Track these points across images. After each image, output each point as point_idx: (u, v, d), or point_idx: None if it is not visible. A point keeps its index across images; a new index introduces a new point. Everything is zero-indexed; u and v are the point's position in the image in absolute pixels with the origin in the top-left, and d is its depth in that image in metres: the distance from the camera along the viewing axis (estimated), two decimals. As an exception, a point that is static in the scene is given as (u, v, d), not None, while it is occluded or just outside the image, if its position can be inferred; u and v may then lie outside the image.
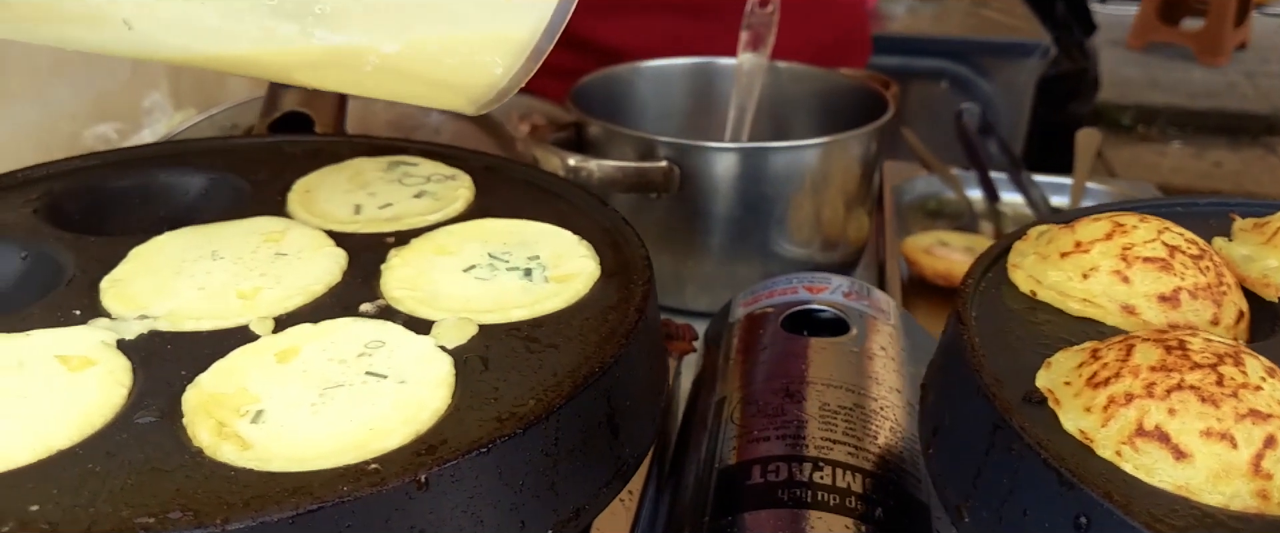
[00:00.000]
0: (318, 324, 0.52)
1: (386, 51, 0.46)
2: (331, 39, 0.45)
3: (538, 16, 0.46)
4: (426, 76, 0.48)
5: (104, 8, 0.42)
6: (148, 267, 0.56)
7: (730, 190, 0.96)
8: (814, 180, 0.98)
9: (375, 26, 0.45)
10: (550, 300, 0.54)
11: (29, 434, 0.44)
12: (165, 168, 0.69)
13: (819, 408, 0.60)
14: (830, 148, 0.97)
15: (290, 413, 0.46)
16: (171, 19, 0.43)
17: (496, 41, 0.47)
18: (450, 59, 0.47)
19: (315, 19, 0.44)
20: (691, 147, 0.96)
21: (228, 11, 0.43)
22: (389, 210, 0.64)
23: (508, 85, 0.49)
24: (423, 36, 0.46)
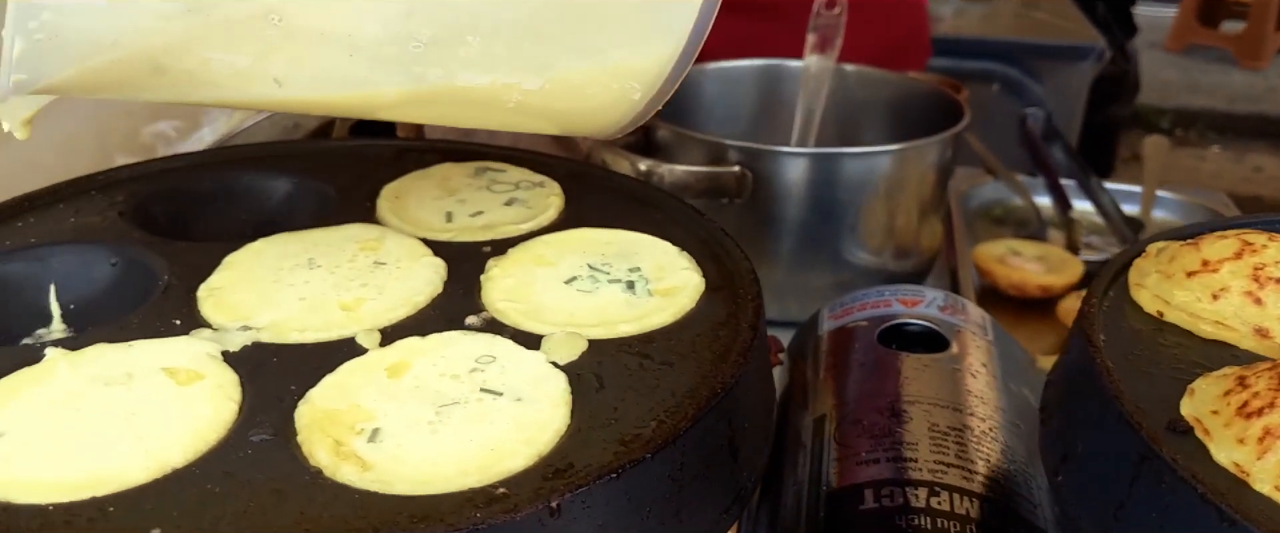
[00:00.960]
0: (426, 338, 0.50)
1: (529, 88, 0.45)
2: (477, 80, 0.44)
3: (675, 44, 0.45)
4: (566, 109, 0.47)
5: (255, 68, 0.41)
6: (244, 275, 0.55)
7: (803, 196, 0.94)
8: (888, 187, 0.96)
9: (520, 66, 0.44)
10: (657, 315, 0.53)
11: (143, 452, 0.42)
12: (249, 171, 0.68)
13: (927, 429, 0.58)
14: (906, 154, 0.95)
15: (408, 432, 0.44)
16: (320, 74, 0.42)
17: (636, 70, 0.46)
18: (591, 89, 0.46)
19: (461, 63, 0.43)
20: (764, 151, 0.94)
21: (377, 62, 0.42)
22: (481, 218, 0.63)
23: (644, 110, 0.48)
24: (565, 72, 0.45)
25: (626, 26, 0.45)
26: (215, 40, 0.39)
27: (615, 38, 0.45)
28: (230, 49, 0.40)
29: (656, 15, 0.45)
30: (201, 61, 0.41)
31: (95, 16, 0.37)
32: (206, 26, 0.38)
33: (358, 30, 0.40)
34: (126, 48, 0.39)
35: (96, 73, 0.41)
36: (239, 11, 0.38)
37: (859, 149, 0.96)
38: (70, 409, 0.45)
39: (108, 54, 0.39)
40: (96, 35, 0.38)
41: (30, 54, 0.38)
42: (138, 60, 0.40)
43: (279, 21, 0.39)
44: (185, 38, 0.39)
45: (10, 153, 0.87)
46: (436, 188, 0.67)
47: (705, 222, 0.62)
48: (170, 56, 0.40)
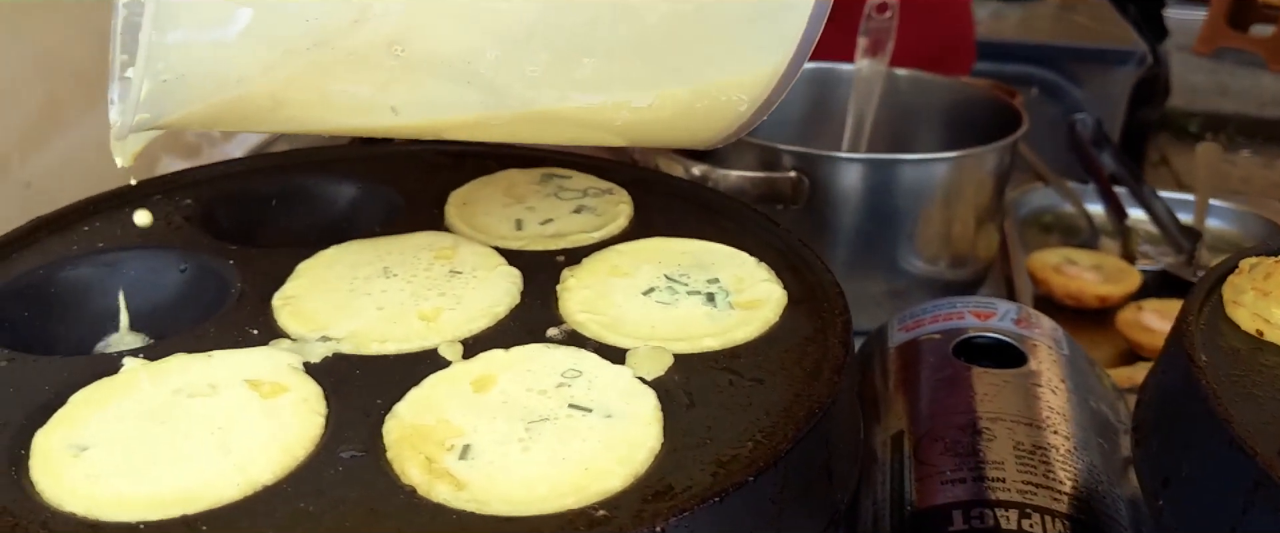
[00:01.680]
0: (510, 351, 0.49)
1: (639, 106, 0.44)
2: (589, 100, 0.43)
3: (784, 55, 0.45)
4: (673, 124, 0.47)
5: (375, 98, 0.41)
6: (319, 283, 0.54)
7: (859, 203, 0.93)
8: (946, 195, 0.94)
9: (632, 84, 0.44)
10: (740, 329, 0.52)
11: (232, 468, 0.42)
12: (312, 176, 0.67)
13: (1012, 447, 0.57)
14: (964, 161, 0.94)
15: (499, 449, 0.43)
16: (437, 100, 0.42)
17: (744, 82, 0.45)
18: (699, 103, 0.45)
19: (575, 84, 0.42)
20: (819, 157, 0.92)
21: (493, 87, 0.41)
22: (551, 226, 0.62)
23: (749, 121, 0.47)
24: (676, 87, 0.44)
25: (737, 39, 0.44)
26: (338, 73, 0.39)
27: (726, 51, 0.44)
28: (352, 80, 0.39)
29: (767, 27, 0.44)
30: (322, 93, 0.40)
31: (222, 55, 0.37)
32: (331, 60, 0.38)
33: (477, 57, 0.40)
34: (250, 84, 0.38)
35: (217, 108, 0.40)
36: (363, 44, 0.37)
37: (918, 156, 0.94)
38: (155, 422, 0.44)
39: (231, 91, 0.39)
40: (222, 73, 0.38)
41: (155, 94, 0.38)
42: (259, 95, 0.40)
43: (401, 52, 0.38)
44: (309, 72, 0.38)
45: (51, 152, 0.87)
46: (503, 195, 0.66)
47: (781, 231, 0.61)
48: (292, 90, 0.39)
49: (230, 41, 0.36)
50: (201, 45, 0.36)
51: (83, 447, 0.42)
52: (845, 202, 0.93)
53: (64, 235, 0.59)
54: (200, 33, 0.35)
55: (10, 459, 0.42)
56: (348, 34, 0.36)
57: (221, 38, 0.35)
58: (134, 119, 0.40)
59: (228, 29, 0.35)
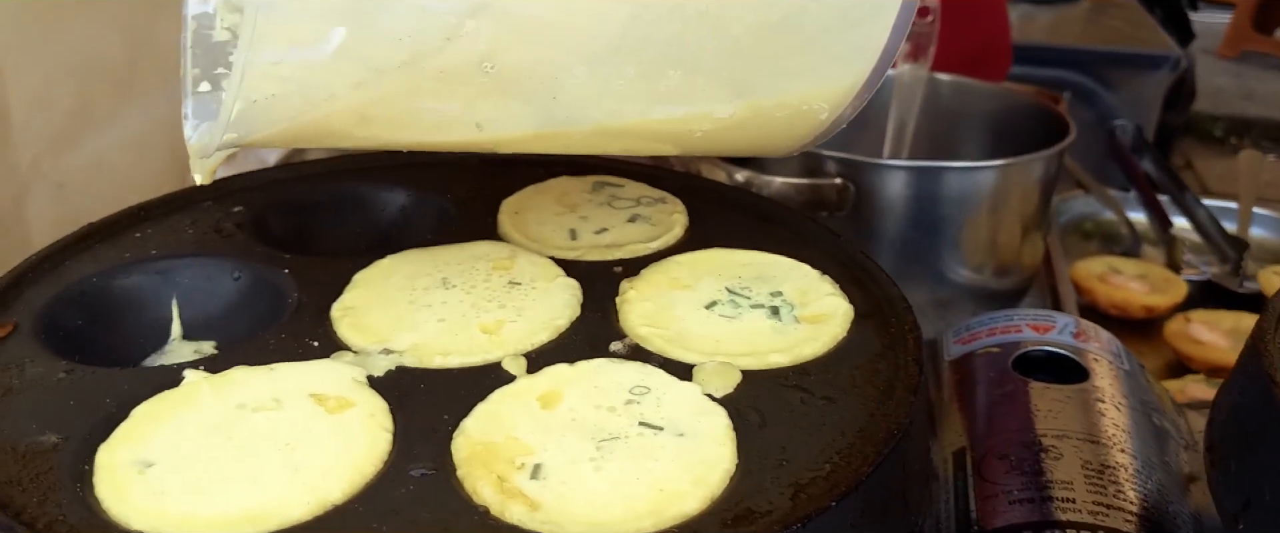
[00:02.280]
0: (575, 366, 0.48)
1: (720, 117, 0.43)
2: (672, 112, 0.43)
3: (867, 63, 0.44)
4: (752, 134, 0.46)
5: (462, 114, 0.40)
6: (377, 294, 0.53)
7: (904, 210, 0.92)
8: (992, 203, 0.93)
9: (716, 95, 0.43)
10: (808, 344, 0.51)
11: (301, 486, 0.41)
12: (363, 182, 0.66)
13: (1080, 466, 0.55)
14: (1011, 169, 0.92)
15: (571, 468, 0.42)
16: (523, 116, 0.41)
17: (827, 91, 0.45)
18: (780, 113, 0.45)
19: (659, 96, 0.42)
20: (864, 163, 0.91)
21: (578, 101, 0.41)
22: (606, 236, 0.61)
23: (828, 130, 0.46)
24: (758, 97, 0.44)
25: (822, 48, 0.43)
26: (427, 90, 0.38)
27: (810, 60, 0.43)
28: (441, 98, 0.39)
29: (851, 36, 0.43)
30: (409, 111, 0.39)
31: (315, 74, 0.36)
32: (421, 77, 0.37)
33: (565, 72, 0.39)
34: (339, 102, 0.38)
35: (303, 127, 0.39)
36: (454, 61, 0.36)
37: (965, 164, 0.93)
38: (220, 438, 0.43)
39: (320, 109, 0.38)
40: (313, 92, 0.37)
41: (246, 113, 0.37)
42: (347, 113, 0.39)
43: (491, 69, 0.37)
44: (398, 90, 0.38)
45: (82, 153, 0.86)
46: (555, 203, 0.65)
47: (842, 242, 0.60)
48: (380, 107, 0.39)
49: (323, 61, 0.35)
50: (294, 65, 0.35)
51: (147, 463, 0.42)
52: (890, 209, 0.92)
53: (116, 242, 0.58)
54: (294, 52, 0.35)
55: (74, 475, 0.41)
56: (439, 52, 0.36)
57: (315, 57, 0.35)
58: (223, 138, 0.39)
59: (321, 48, 0.34)
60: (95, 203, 0.88)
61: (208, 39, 0.51)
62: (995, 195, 0.93)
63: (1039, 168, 0.94)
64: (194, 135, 0.48)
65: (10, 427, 0.44)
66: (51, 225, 0.84)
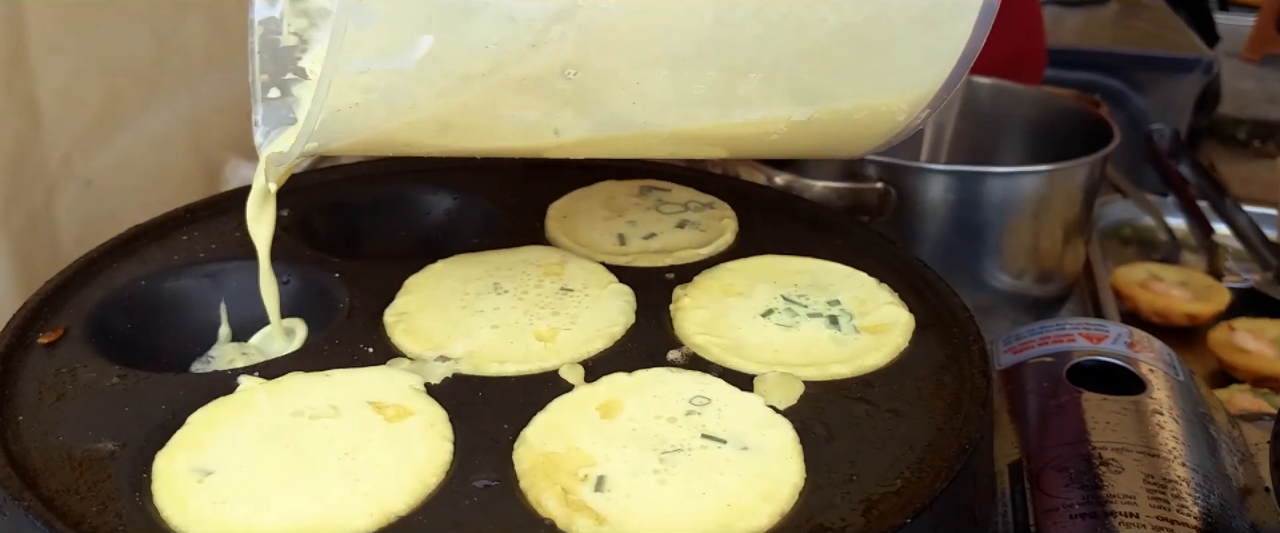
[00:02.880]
0: (633, 375, 0.47)
1: (797, 120, 0.43)
2: (749, 116, 0.42)
3: (946, 66, 0.43)
4: (828, 136, 0.46)
5: (541, 121, 0.39)
6: (430, 300, 0.53)
7: (945, 215, 0.91)
8: (1035, 208, 0.92)
9: (794, 99, 0.42)
10: (869, 355, 0.50)
11: (362, 497, 0.40)
12: (408, 185, 0.65)
13: (1142, 480, 0.54)
14: (1055, 175, 0.91)
15: (634, 481, 0.41)
16: (601, 122, 0.41)
17: (906, 93, 0.44)
18: (858, 115, 0.44)
19: (738, 100, 0.41)
20: (906, 167, 0.90)
21: (657, 106, 0.40)
22: (655, 241, 0.60)
23: (903, 132, 0.45)
24: (837, 100, 0.43)
25: (904, 49, 0.42)
26: (509, 97, 0.37)
27: (892, 61, 0.43)
28: (522, 105, 0.38)
29: (933, 36, 0.42)
30: (490, 118, 0.39)
31: (399, 82, 0.35)
32: (504, 84, 0.36)
33: (647, 78, 0.38)
34: (421, 110, 0.37)
35: (383, 134, 0.39)
36: (538, 68, 0.36)
37: (1009, 169, 0.92)
38: (279, 446, 0.42)
39: (402, 117, 0.37)
40: (395, 101, 0.36)
41: (327, 122, 0.36)
42: (428, 121, 0.38)
43: (574, 75, 0.36)
44: (481, 97, 0.37)
45: (111, 150, 0.86)
46: (602, 208, 0.64)
47: (898, 249, 0.59)
48: (462, 115, 0.38)
49: (408, 69, 0.34)
50: (379, 73, 0.35)
51: (206, 471, 0.41)
52: (932, 214, 0.90)
53: (162, 244, 0.58)
54: (380, 61, 0.34)
55: (132, 483, 0.41)
56: (523, 59, 0.35)
57: (400, 66, 0.34)
58: (304, 147, 0.39)
59: (408, 56, 0.34)
60: (122, 200, 0.88)
61: (275, 44, 0.50)
62: (1038, 201, 0.92)
63: (1083, 173, 0.93)
64: (265, 142, 0.47)
65: (66, 434, 0.43)
66: (80, 222, 0.84)
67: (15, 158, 0.74)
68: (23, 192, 0.75)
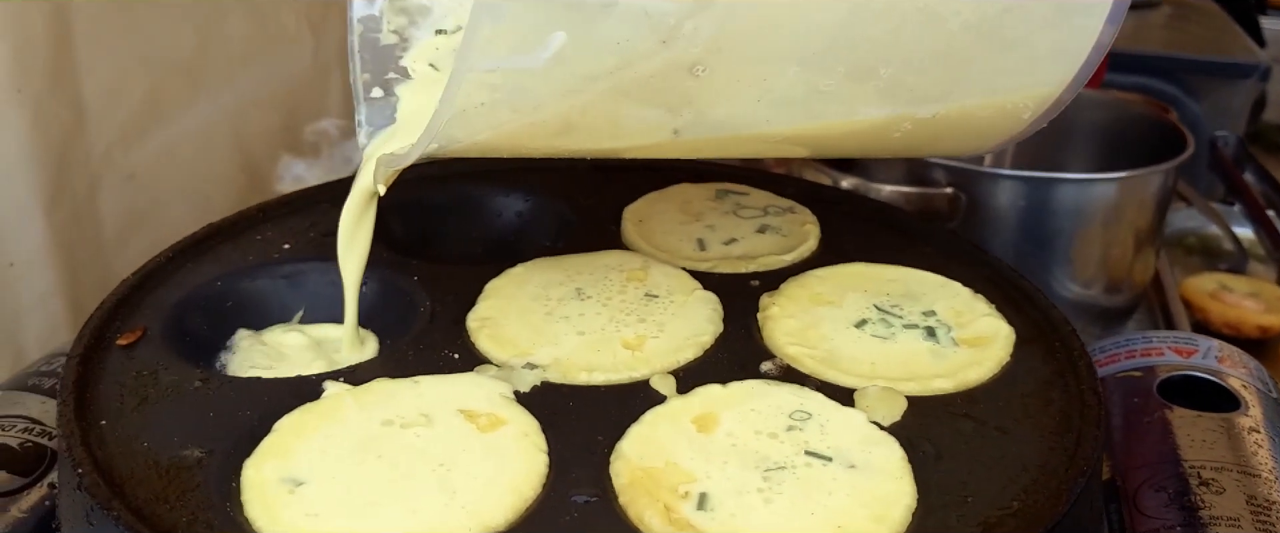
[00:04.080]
0: (728, 387, 0.46)
1: (922, 117, 0.41)
2: (874, 113, 0.40)
3: (1076, 60, 0.41)
4: (950, 135, 0.44)
5: (662, 120, 0.38)
6: (511, 304, 0.51)
7: (1015, 222, 0.88)
8: (1106, 216, 0.89)
9: (921, 97, 0.41)
10: (971, 369, 0.48)
11: (460, 510, 0.39)
12: (481, 186, 0.64)
13: (1245, 502, 0.52)
14: (1128, 183, 0.89)
15: (738, 500, 0.40)
16: (724, 120, 0.39)
17: (1033, 92, 0.42)
18: (983, 113, 0.43)
19: (865, 97, 0.40)
20: (977, 172, 0.88)
21: (782, 104, 0.39)
22: (737, 247, 0.58)
23: (1027, 130, 0.44)
24: (963, 99, 0.41)
25: (1036, 44, 0.41)
26: (634, 96, 0.36)
27: (1022, 57, 0.41)
28: (647, 103, 0.37)
29: (1065, 31, 0.41)
30: (612, 118, 0.37)
31: (527, 82, 0.34)
32: (631, 82, 0.35)
33: (776, 73, 0.37)
34: (546, 110, 0.36)
35: (505, 135, 0.37)
36: (666, 65, 0.34)
37: (1082, 175, 0.89)
38: (371, 456, 0.41)
39: (526, 118, 0.36)
40: (520, 101, 0.35)
41: (451, 123, 0.35)
42: (551, 122, 0.37)
43: (702, 72, 0.35)
44: (606, 97, 0.36)
45: (152, 144, 0.85)
46: (679, 211, 0.62)
47: (991, 259, 0.57)
48: (584, 116, 0.37)
49: (538, 68, 0.33)
50: (508, 72, 0.33)
51: (297, 481, 0.40)
52: (1001, 220, 0.88)
53: (237, 243, 0.57)
54: (511, 60, 0.33)
55: (222, 492, 0.40)
56: (653, 55, 0.33)
57: (530, 64, 0.33)
58: (426, 148, 0.37)
59: (539, 55, 0.32)
60: (163, 194, 0.88)
61: (375, 43, 0.49)
62: (1110, 209, 0.89)
63: (1156, 182, 0.91)
64: (369, 143, 0.46)
65: (150, 439, 0.42)
66: (122, 215, 0.83)
67: (60, 152, 0.74)
68: (67, 185, 0.75)
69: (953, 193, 0.87)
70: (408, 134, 0.46)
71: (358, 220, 0.48)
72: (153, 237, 0.85)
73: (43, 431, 0.54)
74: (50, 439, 0.54)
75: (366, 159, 0.47)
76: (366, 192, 0.47)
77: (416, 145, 0.38)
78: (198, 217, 0.91)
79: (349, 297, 0.49)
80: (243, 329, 0.52)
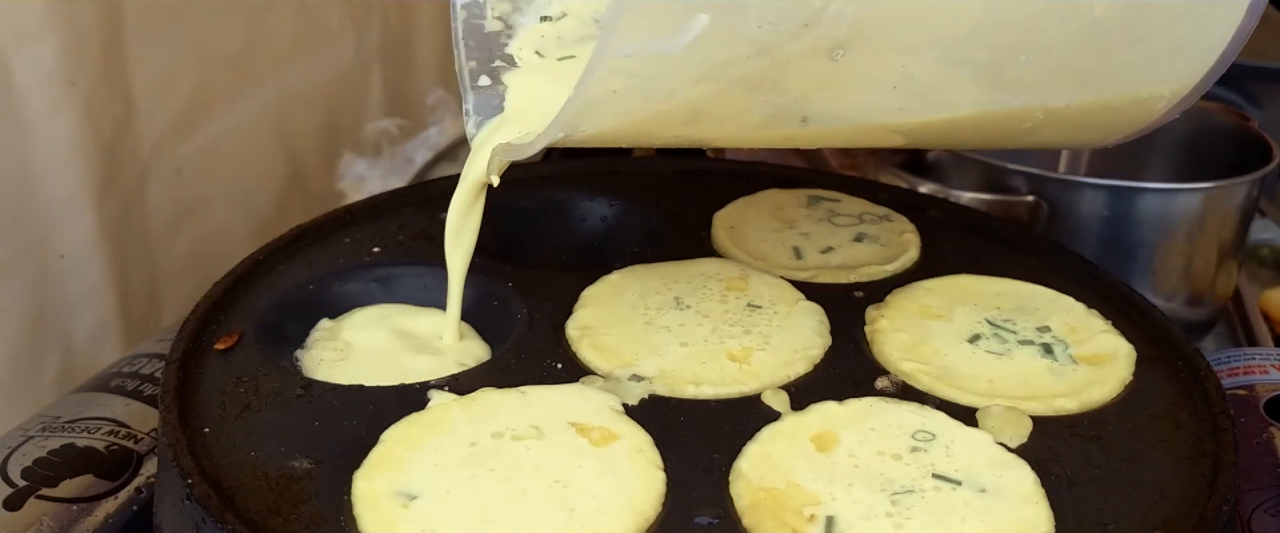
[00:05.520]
0: (845, 405, 0.44)
1: (1054, 107, 0.40)
2: (1009, 102, 0.39)
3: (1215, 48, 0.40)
4: (1080, 124, 0.42)
5: (792, 108, 0.37)
6: (610, 313, 0.50)
7: (1096, 232, 0.86)
8: (1190, 227, 0.87)
9: (1057, 85, 0.39)
10: (1094, 389, 0.46)
11: (581, 529, 0.37)
12: (566, 190, 0.63)
13: (1372, 531, 0.50)
14: (1214, 193, 0.86)
15: (867, 524, 0.38)
16: (854, 108, 0.38)
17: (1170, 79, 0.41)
18: (1117, 102, 0.41)
19: (1001, 85, 0.39)
20: (1058, 180, 0.85)
21: (915, 92, 0.37)
22: (835, 256, 0.57)
23: (1158, 121, 0.42)
24: (1099, 87, 0.40)
25: (1178, 32, 0.39)
26: (768, 83, 0.35)
27: (1163, 46, 0.40)
28: (779, 90, 0.35)
29: (1207, 17, 0.39)
30: (743, 105, 0.36)
31: (661, 68, 0.33)
32: (767, 68, 0.34)
33: (915, 59, 0.36)
34: (675, 99, 0.35)
35: (631, 123, 0.36)
36: (805, 50, 0.33)
37: (1166, 185, 0.87)
38: (483, 469, 0.40)
39: (655, 106, 0.35)
40: (653, 88, 0.34)
41: (580, 111, 0.34)
42: (680, 110, 0.35)
43: (841, 56, 0.34)
44: (740, 82, 0.34)
45: (200, 137, 0.85)
46: (770, 218, 0.61)
47: (1099, 272, 0.55)
48: (714, 103, 0.35)
49: (676, 53, 0.31)
50: (646, 58, 0.32)
51: (411, 495, 0.38)
52: (1082, 230, 0.86)
53: (325, 246, 0.56)
54: (651, 44, 0.31)
55: (334, 505, 0.38)
56: (794, 39, 0.32)
57: (669, 49, 0.31)
58: (553, 137, 0.36)
59: (679, 39, 0.31)
60: (208, 187, 0.87)
61: (479, 30, 0.47)
62: (1195, 220, 0.87)
63: (1241, 192, 0.88)
64: (477, 132, 0.45)
65: (257, 449, 0.41)
66: (169, 209, 0.83)
67: (111, 144, 0.74)
68: (117, 178, 0.75)
69: (1034, 201, 0.85)
70: (518, 123, 0.45)
71: (467, 212, 0.47)
72: (198, 230, 0.85)
73: (129, 433, 0.53)
74: (136, 442, 0.53)
75: (476, 149, 0.46)
76: (478, 182, 0.46)
77: (543, 134, 0.37)
78: (241, 212, 0.91)
79: (454, 288, 0.48)
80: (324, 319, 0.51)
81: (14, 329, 0.69)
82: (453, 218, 0.47)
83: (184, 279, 0.83)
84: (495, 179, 0.44)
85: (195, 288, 0.84)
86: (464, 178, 0.46)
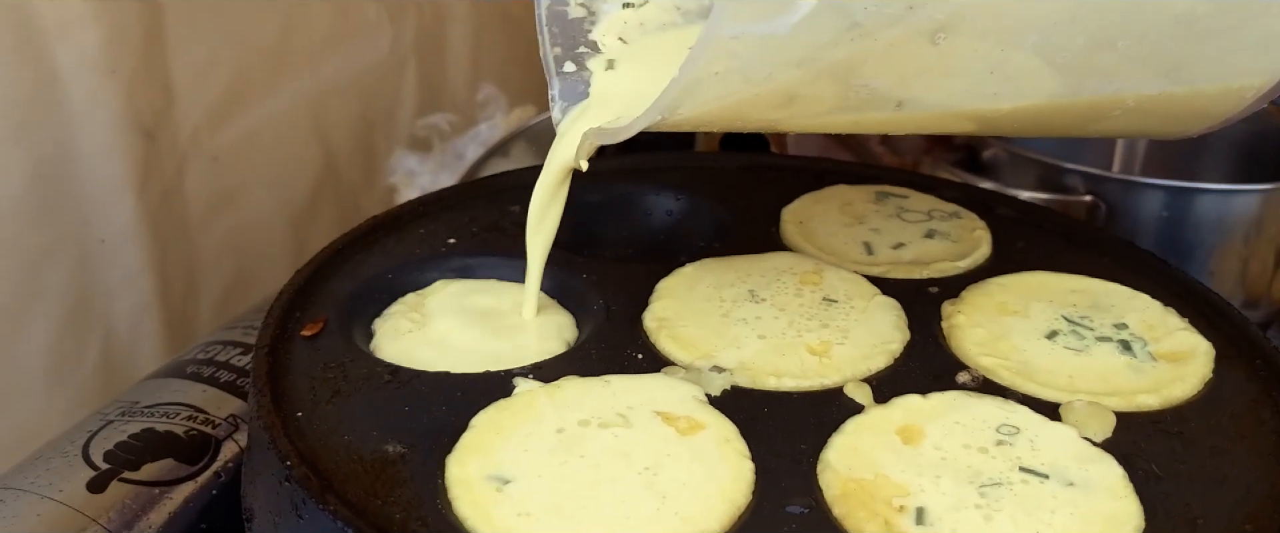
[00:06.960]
0: (928, 398, 0.44)
1: (1146, 94, 0.39)
2: (1102, 89, 0.39)
3: None
4: (1168, 113, 0.43)
5: (889, 92, 0.37)
6: (686, 306, 0.50)
7: (1153, 232, 0.85)
8: (1247, 229, 0.86)
9: (1151, 72, 0.39)
10: (1175, 386, 0.46)
11: (673, 516, 0.38)
12: (633, 183, 0.63)
13: None
14: (1273, 195, 0.85)
15: (958, 515, 0.38)
16: (951, 93, 0.38)
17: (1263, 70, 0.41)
18: (1209, 90, 0.41)
19: (1095, 71, 0.39)
20: (1116, 180, 0.85)
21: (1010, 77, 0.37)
22: (906, 252, 0.57)
23: (1245, 111, 0.42)
24: (1192, 74, 0.40)
25: (1266, 26, 0.39)
26: (868, 67, 0.35)
27: (1258, 36, 0.39)
28: (878, 74, 0.36)
29: None
30: (840, 88, 0.36)
31: (764, 50, 0.33)
32: (868, 51, 0.34)
33: (1015, 44, 0.36)
34: (774, 82, 0.35)
35: (725, 108, 0.36)
36: (908, 32, 0.33)
37: (1225, 186, 0.86)
38: (572, 455, 0.40)
39: (753, 89, 0.35)
40: (753, 71, 0.34)
41: (681, 94, 0.34)
42: (776, 94, 0.36)
43: (943, 40, 0.34)
44: (839, 66, 0.35)
45: (236, 126, 0.85)
46: (839, 213, 0.61)
47: (1176, 271, 0.55)
48: (812, 86, 0.36)
49: (781, 34, 0.32)
50: (751, 40, 0.32)
51: (504, 480, 0.39)
52: (1139, 230, 0.85)
53: (401, 237, 0.56)
54: (758, 24, 0.31)
55: (429, 489, 0.39)
56: (897, 21, 0.32)
57: (777, 30, 0.31)
58: (651, 120, 0.36)
59: (786, 20, 0.31)
60: (244, 176, 0.88)
61: (563, 16, 0.48)
62: (1252, 221, 0.86)
63: (1303, 193, 0.87)
64: (563, 118, 0.45)
65: (351, 434, 0.42)
66: (207, 197, 0.84)
67: (151, 133, 0.75)
68: (156, 166, 0.76)
69: (1092, 201, 0.84)
70: (602, 108, 0.45)
71: (551, 197, 0.48)
72: (235, 218, 0.86)
73: (206, 419, 0.54)
74: (213, 428, 0.54)
75: (562, 134, 0.46)
76: (565, 167, 0.46)
77: (642, 117, 0.37)
78: (276, 201, 0.92)
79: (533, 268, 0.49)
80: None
81: (56, 312, 0.70)
82: (536, 202, 0.48)
83: (221, 265, 0.84)
84: (584, 164, 0.44)
85: (232, 274, 0.85)
86: (549, 163, 0.47)
